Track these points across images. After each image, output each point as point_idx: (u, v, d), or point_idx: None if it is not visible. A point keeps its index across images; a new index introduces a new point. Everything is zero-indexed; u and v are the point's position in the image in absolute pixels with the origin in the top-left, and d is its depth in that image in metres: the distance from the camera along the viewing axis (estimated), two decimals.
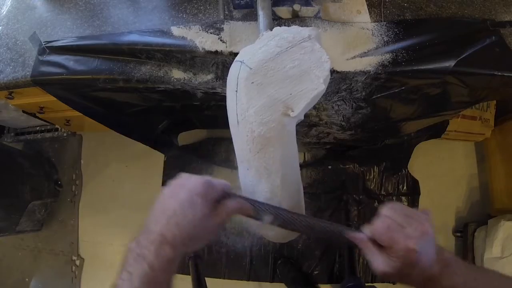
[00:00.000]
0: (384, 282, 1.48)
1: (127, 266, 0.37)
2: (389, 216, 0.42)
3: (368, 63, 0.80)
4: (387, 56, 0.80)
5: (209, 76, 0.87)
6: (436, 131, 1.45)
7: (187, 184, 0.41)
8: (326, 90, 0.52)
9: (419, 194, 1.54)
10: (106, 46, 0.84)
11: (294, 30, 0.52)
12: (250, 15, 0.85)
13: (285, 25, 0.68)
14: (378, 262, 0.41)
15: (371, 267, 0.42)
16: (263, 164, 0.53)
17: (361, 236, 0.44)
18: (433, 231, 0.41)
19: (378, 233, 0.41)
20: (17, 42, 0.90)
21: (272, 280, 1.48)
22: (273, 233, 0.61)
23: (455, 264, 0.41)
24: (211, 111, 1.12)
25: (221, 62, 0.83)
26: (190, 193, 0.40)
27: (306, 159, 1.60)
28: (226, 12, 0.86)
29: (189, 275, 1.14)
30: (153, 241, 0.38)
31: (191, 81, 0.86)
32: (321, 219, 0.49)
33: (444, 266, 0.40)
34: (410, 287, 0.42)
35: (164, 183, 1.60)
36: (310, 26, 0.76)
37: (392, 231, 0.40)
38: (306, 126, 1.20)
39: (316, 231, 0.48)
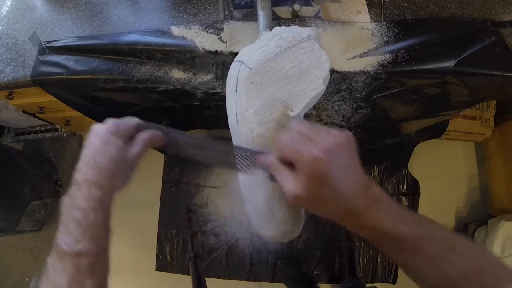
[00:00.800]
0: (384, 282, 1.48)
1: (63, 219, 0.38)
2: (294, 128, 0.37)
3: (368, 63, 0.80)
4: (387, 56, 0.80)
5: (209, 76, 0.87)
6: (436, 131, 1.45)
7: (97, 129, 0.43)
8: (326, 90, 0.52)
9: (419, 194, 1.54)
10: (106, 46, 0.84)
11: (294, 30, 0.52)
12: (250, 15, 0.85)
13: (285, 25, 0.68)
14: (287, 183, 0.35)
15: (285, 194, 0.36)
16: None
17: (269, 158, 0.39)
18: (355, 154, 0.36)
19: (281, 146, 0.36)
20: (17, 42, 0.90)
21: (272, 280, 1.48)
22: (273, 233, 0.61)
23: (384, 201, 0.35)
24: (211, 111, 1.12)
25: (221, 62, 0.83)
26: (100, 135, 0.42)
27: None
28: (226, 12, 0.86)
29: (189, 275, 1.15)
30: (79, 187, 0.39)
31: (191, 81, 0.86)
32: (235, 146, 0.48)
33: (371, 200, 0.34)
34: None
35: (164, 183, 1.60)
36: (310, 26, 0.76)
37: (296, 142, 0.35)
38: None
39: (227, 159, 0.47)
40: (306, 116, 1.02)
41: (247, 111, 0.50)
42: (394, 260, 0.36)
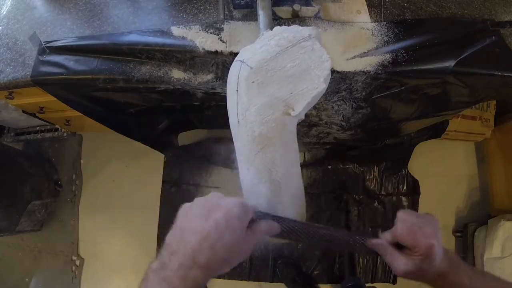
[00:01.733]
0: (384, 282, 1.48)
1: (149, 284, 0.35)
2: (407, 219, 0.45)
3: (368, 63, 0.80)
4: (387, 56, 0.80)
5: (209, 76, 0.87)
6: (436, 131, 1.45)
7: (222, 204, 0.38)
8: (326, 90, 0.52)
9: (419, 194, 1.54)
10: (106, 46, 0.84)
11: (294, 30, 0.52)
12: (250, 15, 0.85)
13: (285, 25, 0.68)
14: (401, 263, 0.44)
15: (393, 269, 0.45)
16: (264, 163, 0.53)
17: (382, 242, 0.47)
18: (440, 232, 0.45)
19: (401, 235, 0.45)
20: (17, 42, 0.90)
21: (272, 280, 1.48)
22: None
23: (459, 263, 0.45)
24: (211, 111, 1.12)
25: (221, 62, 0.83)
26: (226, 215, 0.37)
27: (306, 159, 1.60)
28: (226, 12, 0.86)
29: None
30: (181, 265, 0.35)
31: (191, 81, 0.86)
32: (340, 229, 0.51)
33: (451, 263, 0.44)
34: (424, 284, 0.46)
35: (164, 183, 1.60)
36: (310, 26, 0.76)
37: (414, 232, 0.44)
38: (306, 126, 1.20)
39: (337, 243, 0.50)
40: (306, 116, 1.03)
41: (248, 111, 0.50)
42: None
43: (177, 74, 0.85)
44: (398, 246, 0.46)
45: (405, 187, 1.55)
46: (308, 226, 0.49)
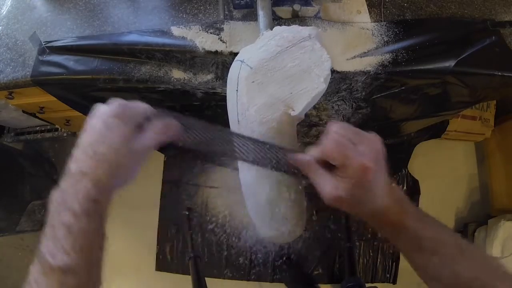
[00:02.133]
0: (384, 282, 1.48)
1: (51, 219, 0.31)
2: (339, 132, 0.37)
3: (368, 63, 0.80)
4: (387, 56, 0.80)
5: (209, 76, 0.87)
6: (436, 131, 1.45)
7: (100, 110, 0.36)
8: (326, 90, 0.52)
9: (419, 194, 1.54)
10: (106, 46, 0.84)
11: (294, 30, 0.52)
12: (250, 15, 0.85)
13: (285, 25, 0.68)
14: (329, 185, 0.36)
15: (321, 193, 0.37)
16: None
17: (307, 157, 0.39)
18: (384, 156, 0.37)
19: (328, 150, 0.36)
20: (17, 42, 0.90)
21: (272, 280, 1.48)
22: (274, 234, 0.61)
23: (407, 203, 0.38)
24: (211, 111, 1.12)
25: (221, 62, 0.83)
26: (103, 117, 0.35)
27: None
28: (226, 12, 0.86)
29: (189, 275, 1.15)
30: (72, 182, 0.32)
31: (191, 81, 0.86)
32: (260, 141, 0.43)
33: (395, 201, 0.37)
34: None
35: (164, 183, 1.60)
36: (310, 26, 0.76)
37: (344, 147, 0.35)
38: (306, 126, 1.20)
39: (255, 157, 0.42)
40: (306, 116, 1.03)
41: (248, 111, 0.50)
42: (411, 261, 0.38)
43: (177, 74, 0.85)
44: (329, 167, 0.37)
45: (405, 187, 1.55)
46: (216, 129, 0.42)
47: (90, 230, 0.32)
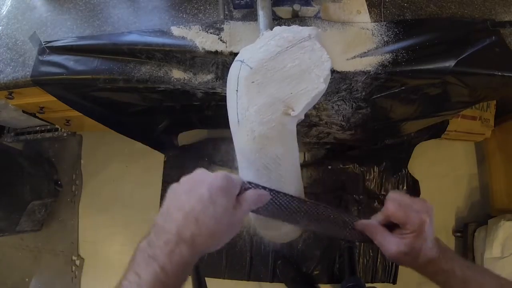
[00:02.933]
0: (384, 282, 1.48)
1: (136, 267, 0.33)
2: (398, 197, 0.44)
3: (368, 63, 0.80)
4: (387, 56, 0.80)
5: (209, 76, 0.87)
6: (436, 131, 1.45)
7: (206, 179, 0.38)
8: (326, 90, 0.52)
9: (419, 194, 1.54)
10: (106, 46, 0.84)
11: (294, 30, 0.52)
12: (250, 15, 0.85)
13: (285, 25, 0.68)
14: (393, 244, 0.43)
15: (385, 251, 0.44)
16: (264, 163, 0.53)
17: (372, 222, 0.46)
18: (433, 213, 0.44)
19: (392, 212, 0.43)
20: (17, 42, 0.90)
21: (272, 280, 1.48)
22: (274, 233, 0.61)
23: (451, 252, 0.44)
24: (211, 111, 1.12)
25: (221, 62, 0.83)
26: (210, 188, 0.36)
27: (306, 159, 1.60)
28: (226, 12, 0.86)
29: (189, 275, 1.15)
30: (167, 241, 0.34)
31: (191, 81, 0.86)
32: (334, 209, 0.49)
33: (443, 250, 0.43)
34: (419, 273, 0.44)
35: (164, 183, 1.60)
36: (310, 26, 0.76)
37: (404, 208, 0.43)
38: (306, 126, 1.20)
39: (327, 226, 0.49)
40: (306, 116, 1.03)
41: (248, 111, 0.50)
42: None
43: (177, 74, 0.85)
44: (390, 229, 0.45)
45: (405, 187, 1.55)
46: (299, 201, 0.47)
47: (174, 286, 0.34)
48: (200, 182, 0.37)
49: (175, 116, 1.20)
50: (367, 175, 1.56)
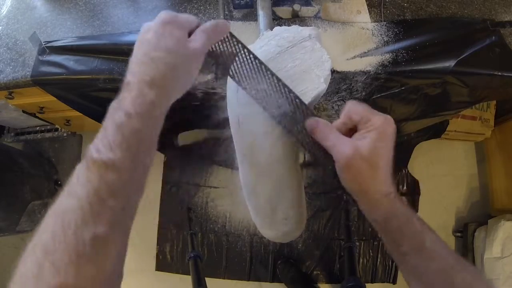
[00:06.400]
0: (384, 282, 1.48)
1: (104, 124, 0.31)
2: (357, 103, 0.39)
3: (368, 63, 0.80)
4: (387, 56, 0.80)
5: (209, 76, 0.87)
6: (436, 131, 1.45)
7: (149, 24, 0.36)
8: (326, 90, 0.52)
9: (419, 194, 1.54)
10: (106, 46, 0.84)
11: (295, 30, 0.52)
12: (250, 15, 0.85)
13: (285, 25, 0.68)
14: (347, 143, 0.36)
15: (337, 155, 0.36)
16: (264, 164, 0.53)
17: (325, 121, 0.40)
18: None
19: (353, 108, 0.38)
20: (17, 42, 0.90)
21: (272, 280, 1.48)
22: (274, 233, 0.61)
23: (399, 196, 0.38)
24: (211, 111, 1.12)
25: (221, 62, 0.83)
26: (155, 26, 0.35)
27: (306, 159, 1.60)
28: (226, 12, 0.86)
29: (189, 275, 1.15)
30: (130, 90, 0.32)
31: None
32: (287, 86, 0.42)
33: (395, 191, 0.37)
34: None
35: (164, 183, 1.60)
36: (310, 26, 0.76)
37: (366, 108, 0.38)
38: None
39: (276, 101, 0.43)
40: None
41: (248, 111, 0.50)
42: (394, 253, 0.37)
43: None
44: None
45: (405, 187, 1.55)
46: (259, 62, 0.43)
47: (141, 132, 0.31)
48: (146, 30, 0.36)
49: (175, 116, 1.20)
50: None
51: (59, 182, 1.66)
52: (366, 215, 0.38)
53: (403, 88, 0.88)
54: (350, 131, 0.39)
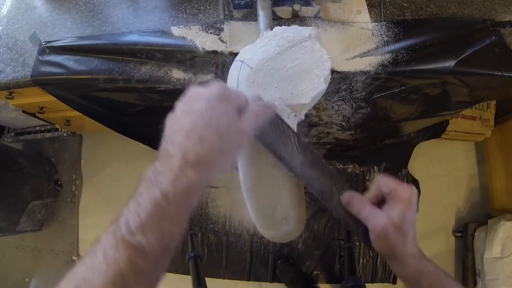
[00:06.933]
0: (384, 282, 1.48)
1: (137, 196, 0.29)
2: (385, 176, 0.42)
3: (368, 63, 0.80)
4: (387, 56, 0.80)
5: (209, 76, 0.87)
6: (436, 131, 1.45)
7: (201, 92, 0.33)
8: (326, 90, 0.52)
9: (419, 194, 1.54)
10: (106, 46, 0.84)
11: (295, 30, 0.52)
12: (250, 15, 0.85)
13: (285, 25, 0.68)
14: (380, 215, 0.40)
15: (372, 225, 0.40)
16: (264, 164, 0.53)
17: (360, 195, 0.43)
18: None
19: (383, 180, 0.41)
20: (17, 42, 0.90)
21: (272, 280, 1.48)
22: (274, 233, 0.61)
23: (427, 258, 0.42)
24: None
25: (221, 62, 0.83)
26: (207, 98, 0.32)
27: None
28: (226, 12, 0.86)
29: (189, 275, 1.15)
30: (172, 167, 0.29)
31: (191, 81, 0.86)
32: (333, 172, 0.45)
33: (422, 253, 0.41)
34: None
35: None
36: (310, 26, 0.76)
37: (394, 180, 0.41)
38: (306, 126, 1.20)
39: (317, 177, 0.45)
40: (306, 116, 1.03)
41: None
42: None
43: (177, 74, 0.85)
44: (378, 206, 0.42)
45: None
46: (304, 142, 0.44)
47: (178, 214, 0.29)
48: (196, 98, 0.33)
49: None
50: (367, 175, 1.56)
51: (59, 182, 1.66)
52: (397, 275, 0.42)
53: (403, 88, 0.88)
54: (379, 201, 0.43)
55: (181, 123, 0.32)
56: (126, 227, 0.28)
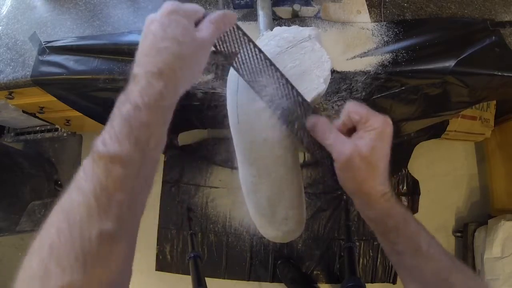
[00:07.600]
0: (384, 282, 1.48)
1: (111, 117, 0.30)
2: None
3: (368, 63, 0.80)
4: (387, 56, 0.80)
5: (209, 76, 0.87)
6: (436, 131, 1.45)
7: (154, 15, 0.35)
8: (326, 91, 0.52)
9: (419, 194, 1.54)
10: (106, 46, 0.84)
11: (294, 30, 0.52)
12: (250, 15, 0.85)
13: (285, 25, 0.68)
14: (347, 143, 0.36)
15: (337, 154, 0.36)
16: (264, 163, 0.53)
17: (326, 119, 0.39)
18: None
19: (353, 107, 0.37)
20: (17, 42, 0.90)
21: (272, 280, 1.48)
22: (274, 233, 0.61)
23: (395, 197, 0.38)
24: (211, 111, 1.12)
25: (221, 62, 0.83)
26: (161, 16, 0.34)
27: (306, 159, 1.60)
28: None
29: (189, 275, 1.15)
30: (137, 82, 0.31)
31: None
32: (293, 86, 0.42)
33: (391, 190, 0.37)
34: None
35: (164, 183, 1.60)
36: (310, 26, 0.76)
37: (366, 108, 0.37)
38: None
39: (277, 95, 0.43)
40: None
41: (248, 111, 0.50)
42: (390, 253, 0.38)
43: None
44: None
45: (405, 187, 1.55)
46: (267, 57, 0.41)
47: (150, 124, 0.30)
48: (151, 21, 0.35)
49: (175, 116, 1.20)
50: None
51: (59, 182, 1.66)
52: (362, 214, 0.39)
53: (403, 88, 0.88)
54: (349, 131, 0.39)
55: (142, 47, 0.34)
56: (101, 142, 0.28)
